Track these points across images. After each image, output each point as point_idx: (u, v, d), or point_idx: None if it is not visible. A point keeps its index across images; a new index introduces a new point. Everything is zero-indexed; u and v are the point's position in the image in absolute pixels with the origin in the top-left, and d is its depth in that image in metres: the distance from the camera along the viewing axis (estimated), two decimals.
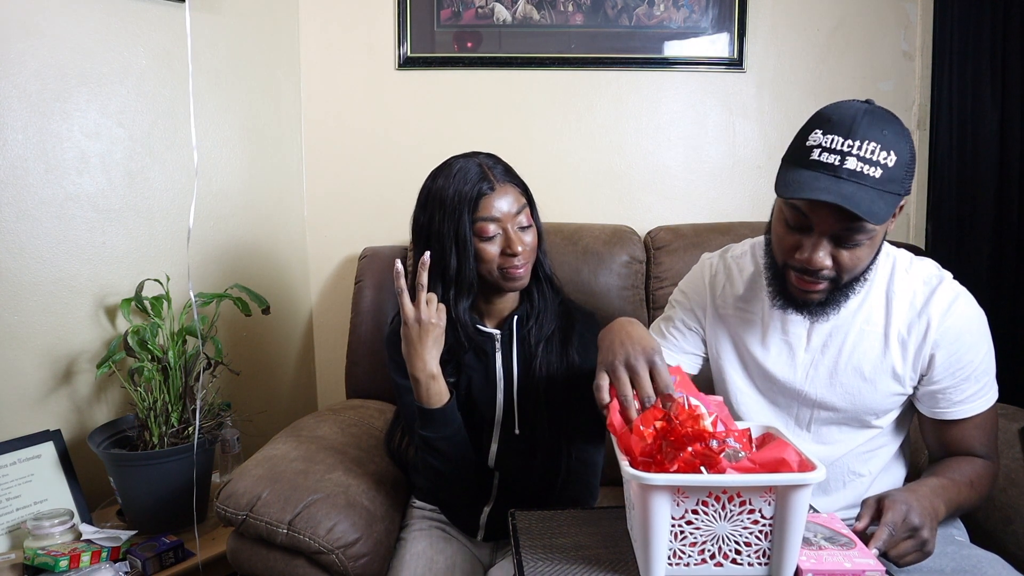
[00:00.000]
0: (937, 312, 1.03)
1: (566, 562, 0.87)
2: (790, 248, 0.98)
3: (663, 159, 1.98)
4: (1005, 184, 1.76)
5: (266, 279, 1.89)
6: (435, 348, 1.08)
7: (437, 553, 1.19)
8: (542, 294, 1.20)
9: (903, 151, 0.91)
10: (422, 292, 1.07)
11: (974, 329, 1.05)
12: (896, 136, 0.91)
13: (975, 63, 1.81)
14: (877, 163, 0.89)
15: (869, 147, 0.89)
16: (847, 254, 0.95)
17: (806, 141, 0.94)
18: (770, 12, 1.93)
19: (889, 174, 0.89)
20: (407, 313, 1.07)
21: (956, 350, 1.03)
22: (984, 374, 1.06)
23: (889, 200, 0.90)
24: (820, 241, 0.94)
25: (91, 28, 1.54)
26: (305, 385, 2.08)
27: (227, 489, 1.19)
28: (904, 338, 1.05)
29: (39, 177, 1.49)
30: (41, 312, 1.51)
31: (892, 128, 0.91)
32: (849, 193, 0.88)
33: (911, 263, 1.09)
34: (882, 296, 1.07)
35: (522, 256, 1.11)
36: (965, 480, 1.03)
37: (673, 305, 1.26)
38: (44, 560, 1.27)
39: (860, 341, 1.07)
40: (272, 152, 1.92)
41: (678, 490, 0.77)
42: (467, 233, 1.08)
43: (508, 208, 1.10)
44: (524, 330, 1.19)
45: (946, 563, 0.98)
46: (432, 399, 1.09)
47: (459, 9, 1.92)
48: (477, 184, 1.09)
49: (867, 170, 0.89)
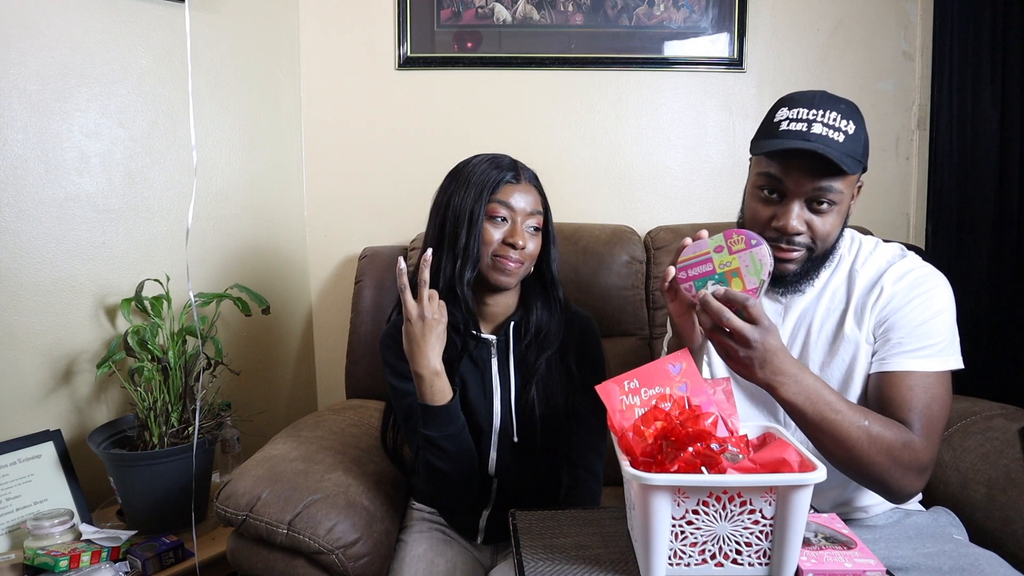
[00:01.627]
0: (891, 278, 1.06)
1: (567, 562, 0.87)
2: (766, 220, 1.04)
3: (663, 159, 1.98)
4: (1005, 184, 1.76)
5: (266, 279, 1.89)
6: (438, 344, 1.08)
7: (437, 556, 1.19)
8: (546, 307, 1.20)
9: (860, 125, 1.02)
10: (424, 289, 1.07)
11: (927, 291, 1.04)
12: (851, 111, 1.02)
13: (975, 63, 1.81)
14: (839, 129, 0.99)
15: (831, 115, 1.00)
16: (819, 220, 1.02)
17: (774, 118, 1.04)
18: (770, 12, 1.93)
19: (850, 140, 0.99)
20: (410, 310, 1.07)
21: (903, 304, 1.04)
22: (931, 335, 1.02)
23: (853, 163, 0.99)
24: (793, 205, 1.01)
25: (91, 28, 1.54)
26: (305, 385, 2.08)
27: (227, 489, 1.19)
28: (860, 306, 1.07)
29: (39, 177, 1.49)
30: (41, 312, 1.51)
31: (847, 104, 1.03)
32: (819, 148, 0.97)
33: (875, 246, 1.13)
34: (845, 277, 1.10)
35: (519, 253, 1.12)
36: (861, 417, 0.94)
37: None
38: (44, 560, 1.27)
39: (826, 319, 1.10)
40: (272, 152, 1.92)
41: (679, 490, 0.77)
42: (481, 211, 1.11)
43: (524, 205, 1.14)
44: (521, 338, 1.19)
45: (945, 562, 0.98)
46: (436, 396, 1.09)
47: (459, 9, 1.92)
48: (505, 172, 1.14)
49: (832, 135, 0.98)
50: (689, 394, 0.89)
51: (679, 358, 0.92)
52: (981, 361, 1.09)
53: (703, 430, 0.81)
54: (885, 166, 1.99)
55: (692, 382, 0.90)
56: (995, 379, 1.67)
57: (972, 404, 1.42)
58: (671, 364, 0.91)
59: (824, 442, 0.95)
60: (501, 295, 1.19)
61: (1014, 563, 1.00)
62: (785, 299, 1.12)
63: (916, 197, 2.00)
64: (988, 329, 1.75)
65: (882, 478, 0.96)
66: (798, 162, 0.99)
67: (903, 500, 1.04)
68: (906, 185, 2.00)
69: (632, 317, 1.72)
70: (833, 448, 0.95)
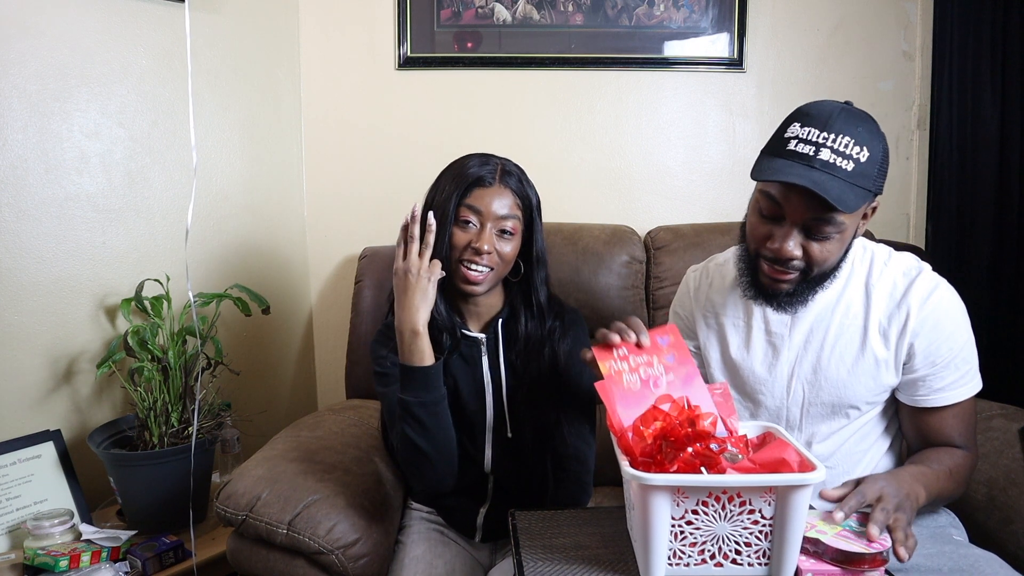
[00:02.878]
0: (916, 301, 1.04)
1: (566, 562, 0.87)
2: (762, 237, 1.02)
3: (663, 159, 1.98)
4: (1005, 184, 1.76)
5: (266, 279, 1.89)
6: (423, 304, 1.07)
7: (436, 557, 1.19)
8: (529, 313, 1.19)
9: (876, 149, 0.96)
10: (413, 244, 1.08)
11: (953, 317, 1.05)
12: (870, 134, 0.96)
13: (975, 63, 1.80)
14: (850, 156, 0.94)
15: (843, 140, 0.94)
16: (817, 246, 0.99)
17: (784, 133, 0.99)
18: (770, 12, 1.93)
19: (861, 169, 0.94)
20: (397, 264, 1.08)
21: (935, 338, 1.04)
22: (964, 363, 1.06)
23: (859, 193, 0.94)
24: (791, 231, 0.98)
25: (91, 28, 1.54)
26: (305, 385, 2.08)
27: (227, 489, 1.19)
28: (885, 328, 1.06)
29: (39, 177, 1.49)
30: (41, 312, 1.51)
31: (867, 126, 0.96)
32: (820, 181, 0.92)
33: (890, 256, 1.11)
34: (861, 289, 1.09)
35: (485, 258, 1.10)
36: (944, 469, 1.04)
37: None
38: (44, 560, 1.27)
39: (841, 334, 1.08)
40: (272, 152, 1.92)
41: (678, 490, 0.77)
42: (451, 212, 1.10)
43: (495, 208, 1.11)
44: (510, 335, 1.19)
45: (944, 562, 0.98)
46: (414, 356, 1.07)
47: (459, 9, 1.92)
48: (480, 173, 1.12)
49: (839, 162, 0.93)
50: (676, 363, 0.94)
51: (666, 331, 0.98)
52: (981, 361, 1.09)
53: (702, 430, 0.81)
54: None
55: (679, 353, 0.95)
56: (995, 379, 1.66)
57: None
58: (659, 336, 0.97)
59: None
60: (482, 295, 1.17)
61: (1014, 563, 1.00)
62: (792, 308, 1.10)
63: (916, 197, 2.00)
64: (987, 329, 1.74)
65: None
66: (799, 190, 0.94)
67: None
68: (906, 185, 2.00)
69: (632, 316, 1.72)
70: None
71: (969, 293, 1.11)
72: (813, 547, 0.82)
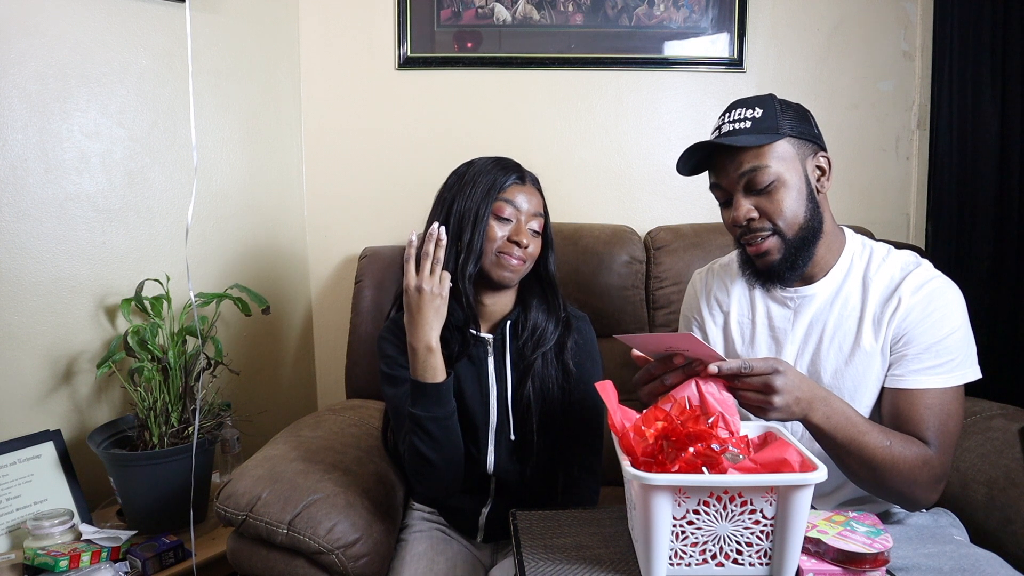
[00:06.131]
0: (909, 289, 1.05)
1: (567, 562, 0.87)
2: (730, 224, 1.10)
3: (663, 159, 1.98)
4: (1005, 184, 1.76)
5: (266, 279, 1.89)
6: (436, 320, 1.08)
7: (438, 555, 1.19)
8: (543, 306, 1.20)
9: (770, 104, 1.06)
10: (426, 261, 1.08)
11: (944, 305, 1.04)
12: (760, 100, 1.07)
13: (975, 63, 1.81)
14: (745, 118, 1.05)
15: (736, 112, 1.07)
16: (766, 200, 1.05)
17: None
18: (770, 12, 1.93)
19: (758, 122, 1.04)
20: (408, 281, 1.08)
21: (921, 320, 1.04)
22: (947, 352, 1.03)
23: (764, 138, 1.03)
24: (738, 198, 1.06)
25: (91, 28, 1.54)
26: (305, 385, 2.08)
27: (227, 489, 1.19)
28: (878, 316, 1.07)
29: (39, 177, 1.49)
30: (41, 312, 1.51)
31: (759, 97, 1.08)
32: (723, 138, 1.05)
33: (888, 252, 1.12)
34: (859, 283, 1.10)
35: (523, 251, 1.14)
36: (883, 438, 0.96)
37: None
38: (44, 560, 1.27)
39: (839, 326, 1.09)
40: (272, 152, 1.92)
41: (679, 490, 0.77)
42: (487, 209, 1.13)
43: (528, 206, 1.16)
44: (517, 336, 1.19)
45: (945, 562, 0.98)
46: (427, 373, 1.08)
47: (459, 9, 1.92)
48: (511, 174, 1.17)
49: (738, 126, 1.05)
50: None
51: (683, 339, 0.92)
52: (981, 361, 1.08)
53: (704, 430, 0.81)
54: (885, 166, 1.99)
55: (694, 348, 0.90)
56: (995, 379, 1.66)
57: (972, 404, 1.42)
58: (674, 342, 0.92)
59: (850, 463, 0.98)
60: (499, 294, 1.19)
61: (1014, 563, 1.00)
62: (794, 303, 1.12)
63: (916, 197, 2.00)
64: (988, 329, 1.74)
65: (902, 493, 1.00)
66: (717, 160, 1.07)
67: (919, 509, 1.08)
68: (906, 185, 2.00)
69: (632, 317, 1.72)
70: (858, 468, 0.98)
71: (969, 293, 1.10)
72: (814, 547, 0.82)
